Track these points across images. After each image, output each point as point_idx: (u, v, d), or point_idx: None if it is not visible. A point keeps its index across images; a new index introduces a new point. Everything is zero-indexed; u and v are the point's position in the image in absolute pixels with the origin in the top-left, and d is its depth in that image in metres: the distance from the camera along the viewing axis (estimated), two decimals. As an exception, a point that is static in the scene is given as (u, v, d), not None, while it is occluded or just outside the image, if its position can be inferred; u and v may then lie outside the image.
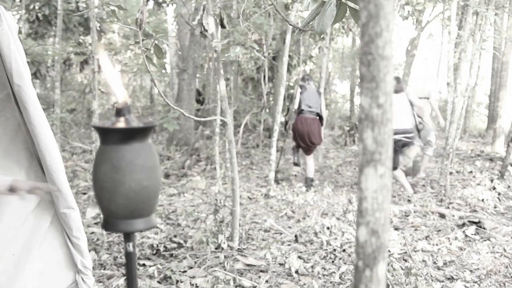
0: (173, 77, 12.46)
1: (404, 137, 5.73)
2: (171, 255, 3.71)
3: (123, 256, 2.76)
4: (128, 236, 0.80)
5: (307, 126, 6.09)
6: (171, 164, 7.29)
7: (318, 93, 6.30)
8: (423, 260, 3.69)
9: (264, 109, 8.61)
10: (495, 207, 5.22)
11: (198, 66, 9.03)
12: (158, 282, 3.21)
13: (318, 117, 6.18)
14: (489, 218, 4.76)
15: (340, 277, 3.40)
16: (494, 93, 10.50)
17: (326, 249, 3.87)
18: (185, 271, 3.37)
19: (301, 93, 6.19)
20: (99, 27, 8.35)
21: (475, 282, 3.35)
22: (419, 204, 5.23)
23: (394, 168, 5.70)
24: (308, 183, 6.16)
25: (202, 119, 3.93)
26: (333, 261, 3.69)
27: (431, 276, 3.38)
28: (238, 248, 3.80)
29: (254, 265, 3.51)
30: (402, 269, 3.42)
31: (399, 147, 5.75)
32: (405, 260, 3.69)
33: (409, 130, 5.80)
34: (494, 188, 5.90)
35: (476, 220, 4.55)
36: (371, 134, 0.64)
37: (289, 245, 3.99)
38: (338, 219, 4.68)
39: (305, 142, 6.18)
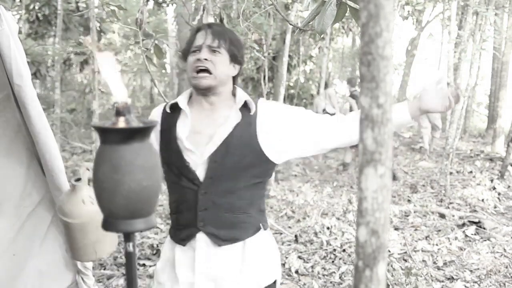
0: (173, 77, 12.47)
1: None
2: (171, 255, 3.71)
3: (123, 256, 2.77)
4: (128, 236, 0.80)
5: None
6: (171, 164, 7.28)
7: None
8: (423, 260, 3.69)
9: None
10: (495, 207, 5.22)
11: (198, 66, 9.01)
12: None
13: None
14: (489, 218, 4.76)
15: (340, 277, 3.40)
16: (494, 93, 10.50)
17: (326, 249, 3.87)
18: (185, 271, 3.36)
19: (357, 102, 7.33)
20: (99, 27, 8.34)
21: (475, 282, 3.35)
22: (419, 204, 5.23)
23: None
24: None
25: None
26: (333, 261, 3.69)
27: (431, 276, 3.38)
28: (238, 248, 3.80)
29: (254, 265, 3.51)
30: (402, 269, 3.42)
31: None
32: (405, 260, 3.69)
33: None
34: (494, 188, 5.90)
35: (476, 220, 4.55)
36: (371, 134, 0.64)
37: (289, 245, 3.99)
38: (338, 219, 4.68)
39: None
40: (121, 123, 0.75)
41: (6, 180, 2.00)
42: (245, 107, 1.56)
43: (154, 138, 1.61)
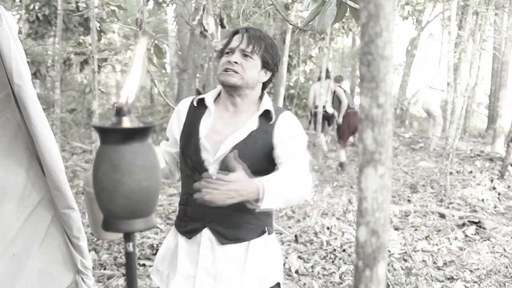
0: (173, 77, 12.47)
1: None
2: (171, 255, 3.71)
3: (123, 256, 2.76)
4: (128, 236, 0.80)
5: (356, 118, 7.24)
6: (171, 164, 7.27)
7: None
8: (423, 260, 3.69)
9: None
10: (495, 207, 5.22)
11: (198, 66, 9.04)
12: (158, 282, 3.21)
13: None
14: (489, 218, 4.75)
15: (340, 277, 3.40)
16: (494, 93, 10.49)
17: (326, 249, 3.87)
18: (185, 271, 3.36)
19: (345, 92, 7.85)
20: (99, 27, 8.34)
21: (475, 282, 3.35)
22: (419, 204, 5.23)
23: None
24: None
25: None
26: (333, 261, 3.69)
27: (431, 276, 3.39)
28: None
29: (254, 265, 3.51)
30: (402, 269, 3.42)
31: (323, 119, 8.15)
32: (405, 260, 3.69)
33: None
34: (494, 188, 5.90)
35: (476, 220, 4.55)
36: (371, 134, 0.64)
37: (289, 245, 3.99)
38: (338, 219, 4.68)
39: (354, 132, 7.49)
40: (121, 123, 0.75)
41: (6, 180, 2.00)
42: (266, 115, 1.59)
43: (177, 128, 1.67)
